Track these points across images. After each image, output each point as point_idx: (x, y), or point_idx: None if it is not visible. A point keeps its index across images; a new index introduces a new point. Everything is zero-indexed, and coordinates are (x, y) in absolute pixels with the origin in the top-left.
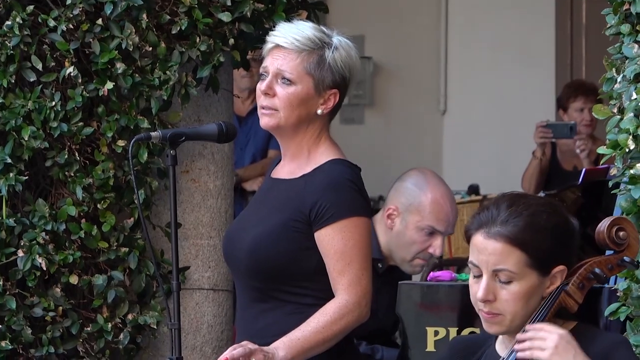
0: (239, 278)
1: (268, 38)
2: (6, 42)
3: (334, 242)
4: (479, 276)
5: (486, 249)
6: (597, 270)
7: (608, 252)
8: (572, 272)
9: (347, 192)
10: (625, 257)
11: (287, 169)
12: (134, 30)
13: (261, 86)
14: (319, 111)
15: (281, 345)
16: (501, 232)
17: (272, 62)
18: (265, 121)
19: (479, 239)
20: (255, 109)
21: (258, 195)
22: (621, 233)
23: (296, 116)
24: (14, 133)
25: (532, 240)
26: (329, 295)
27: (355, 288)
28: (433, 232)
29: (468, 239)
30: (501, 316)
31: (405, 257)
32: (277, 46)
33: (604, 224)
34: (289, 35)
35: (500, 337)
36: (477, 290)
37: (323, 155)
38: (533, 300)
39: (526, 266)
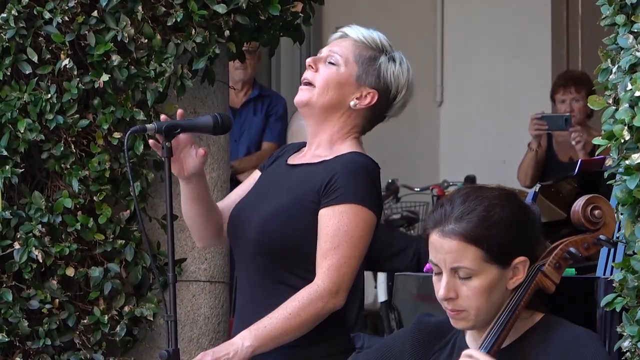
0: (245, 262)
1: (338, 29)
2: (1, 34)
3: (329, 222)
4: (439, 274)
5: (442, 247)
6: (572, 249)
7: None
8: (548, 253)
9: (359, 180)
10: (601, 236)
11: (308, 155)
12: (129, 22)
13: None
14: (352, 103)
15: (247, 335)
16: (455, 230)
17: (330, 48)
18: (298, 96)
19: (434, 237)
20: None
21: (265, 180)
22: (596, 212)
23: (329, 97)
24: (10, 126)
25: (486, 235)
26: None
27: (332, 274)
28: None
29: (426, 238)
30: (465, 312)
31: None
32: (342, 36)
33: (578, 204)
34: (358, 28)
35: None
36: (439, 288)
37: (346, 149)
38: (496, 293)
39: (484, 261)
